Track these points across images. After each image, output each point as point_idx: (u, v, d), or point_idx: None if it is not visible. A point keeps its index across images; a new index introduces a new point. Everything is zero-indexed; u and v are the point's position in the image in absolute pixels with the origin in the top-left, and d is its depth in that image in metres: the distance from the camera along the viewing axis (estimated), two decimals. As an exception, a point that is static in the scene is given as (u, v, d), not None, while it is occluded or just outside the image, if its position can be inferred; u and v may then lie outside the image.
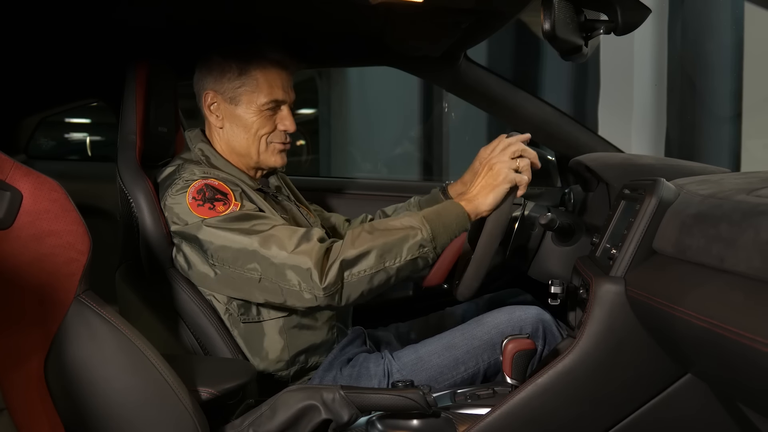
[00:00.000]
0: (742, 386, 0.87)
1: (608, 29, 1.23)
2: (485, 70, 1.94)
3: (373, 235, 1.26)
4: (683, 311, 0.86)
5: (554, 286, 1.28)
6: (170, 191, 1.37)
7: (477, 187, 1.33)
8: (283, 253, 1.24)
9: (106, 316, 1.04)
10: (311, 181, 2.35)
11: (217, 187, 1.34)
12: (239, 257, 1.29)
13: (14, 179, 0.96)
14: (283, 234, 1.27)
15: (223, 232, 1.30)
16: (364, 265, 1.24)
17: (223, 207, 1.31)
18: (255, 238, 1.27)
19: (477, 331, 1.43)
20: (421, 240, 1.26)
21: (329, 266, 1.22)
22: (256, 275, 1.28)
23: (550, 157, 2.18)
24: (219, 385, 1.18)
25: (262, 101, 1.44)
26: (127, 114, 1.49)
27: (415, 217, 1.29)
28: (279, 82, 1.46)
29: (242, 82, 1.44)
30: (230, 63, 1.45)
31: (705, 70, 3.30)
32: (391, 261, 1.25)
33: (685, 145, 3.38)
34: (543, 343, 1.43)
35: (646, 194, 1.07)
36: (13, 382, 0.99)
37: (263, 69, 1.44)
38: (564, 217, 1.58)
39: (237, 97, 1.45)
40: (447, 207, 1.31)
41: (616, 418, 1.10)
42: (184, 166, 1.42)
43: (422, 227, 1.26)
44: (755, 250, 0.76)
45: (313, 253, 1.23)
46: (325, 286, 1.22)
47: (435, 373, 1.39)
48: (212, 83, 1.47)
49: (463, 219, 1.30)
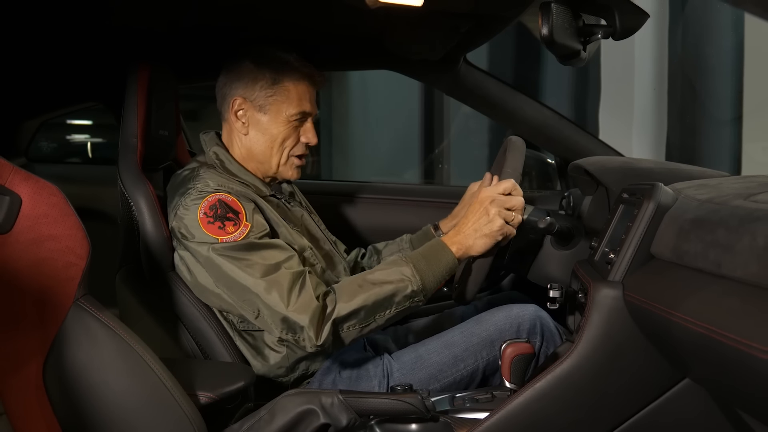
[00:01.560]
0: (740, 392, 0.87)
1: (606, 34, 1.23)
2: (485, 74, 1.94)
3: (364, 288, 1.28)
4: (680, 316, 0.86)
5: (553, 290, 1.29)
6: (183, 201, 1.36)
7: (469, 228, 1.34)
8: (282, 305, 1.27)
9: (105, 321, 1.04)
10: (313, 184, 2.35)
11: (230, 204, 1.34)
12: (242, 292, 1.31)
13: (13, 184, 0.97)
14: (286, 281, 1.28)
15: (230, 263, 1.31)
16: (355, 321, 1.28)
17: (233, 228, 1.32)
18: (260, 281, 1.29)
19: (475, 329, 1.44)
20: (411, 292, 1.30)
21: (324, 324, 1.26)
22: (255, 311, 1.32)
23: (550, 160, 2.18)
24: (218, 390, 1.18)
25: (291, 112, 1.46)
26: (128, 117, 1.50)
27: (405, 266, 1.31)
28: (308, 96, 1.48)
29: (274, 91, 1.45)
30: (263, 71, 1.45)
31: (705, 74, 3.30)
32: (381, 313, 1.29)
33: (686, 149, 3.38)
34: (541, 340, 1.43)
35: (644, 199, 1.07)
36: (12, 387, 1.00)
37: (295, 81, 1.46)
38: (563, 221, 1.58)
39: (266, 106, 1.46)
40: (438, 253, 1.34)
41: (614, 422, 1.10)
42: (199, 173, 1.41)
43: (412, 278, 1.29)
44: (752, 256, 0.76)
45: (310, 311, 1.26)
46: (320, 343, 1.26)
47: (434, 371, 1.40)
48: (242, 89, 1.46)
49: (453, 266, 1.34)
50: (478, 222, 1.33)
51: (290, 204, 1.55)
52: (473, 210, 1.35)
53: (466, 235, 1.34)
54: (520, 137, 1.51)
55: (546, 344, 1.43)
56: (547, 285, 1.31)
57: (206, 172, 1.41)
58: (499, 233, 1.33)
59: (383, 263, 1.37)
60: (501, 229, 1.32)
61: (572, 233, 1.58)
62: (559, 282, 1.35)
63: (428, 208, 2.13)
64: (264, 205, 1.42)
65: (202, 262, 1.35)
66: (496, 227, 1.32)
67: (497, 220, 1.32)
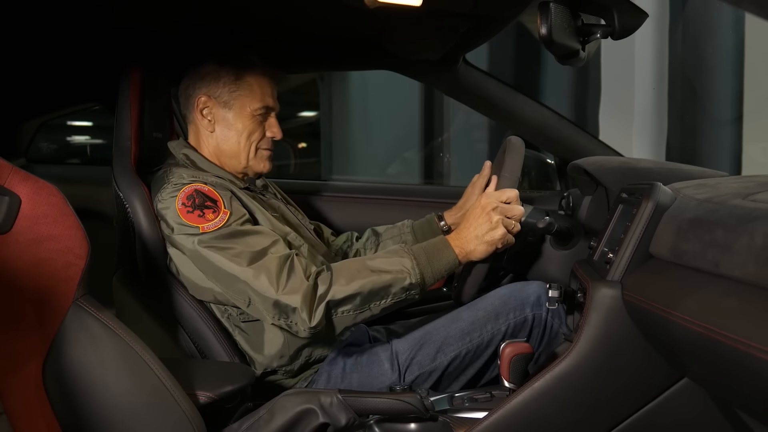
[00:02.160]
0: (738, 391, 0.87)
1: (605, 34, 1.23)
2: (484, 74, 1.94)
3: (362, 274, 1.29)
4: (679, 316, 0.86)
5: (552, 290, 1.29)
6: (160, 195, 1.39)
7: (471, 234, 1.36)
8: (272, 289, 1.28)
9: (104, 321, 1.04)
10: (306, 184, 2.35)
11: (207, 194, 1.36)
12: (231, 281, 1.32)
13: (12, 184, 0.97)
14: (273, 265, 1.29)
15: (216, 253, 1.32)
16: (350, 306, 1.29)
17: (213, 215, 1.33)
18: (247, 269, 1.30)
19: (481, 303, 1.46)
20: (409, 285, 1.31)
21: (317, 306, 1.27)
22: (246, 299, 1.33)
23: (549, 160, 2.18)
24: (217, 389, 1.18)
25: (255, 106, 1.50)
26: (122, 120, 1.50)
27: (406, 258, 1.32)
28: (269, 91, 1.53)
29: (237, 86, 1.49)
30: (226, 69, 1.50)
31: (705, 74, 3.30)
32: (377, 302, 1.30)
33: (686, 149, 3.38)
34: (546, 312, 1.44)
35: (642, 198, 1.07)
36: (12, 387, 1.00)
37: (256, 76, 1.51)
38: (562, 221, 1.58)
39: (231, 102, 1.50)
40: (440, 251, 1.35)
41: (613, 421, 1.10)
42: (172, 170, 1.44)
43: (411, 271, 1.31)
44: (750, 256, 0.76)
45: (301, 291, 1.27)
46: (313, 325, 1.27)
47: (441, 344, 1.42)
48: (206, 88, 1.50)
49: (454, 266, 1.36)
50: (481, 228, 1.35)
51: (264, 196, 1.57)
52: (476, 215, 1.36)
53: (467, 239, 1.36)
54: (519, 137, 1.51)
55: (551, 315, 1.44)
56: (546, 285, 1.31)
57: (179, 169, 1.44)
58: (502, 241, 1.35)
59: (384, 251, 1.38)
60: (503, 237, 1.35)
61: (571, 233, 1.58)
62: (558, 282, 1.35)
63: (428, 208, 2.13)
64: (240, 194, 1.43)
65: (189, 255, 1.36)
66: (498, 236, 1.34)
67: (500, 228, 1.34)
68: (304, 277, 1.29)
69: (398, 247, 1.38)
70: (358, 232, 1.82)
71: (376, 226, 1.79)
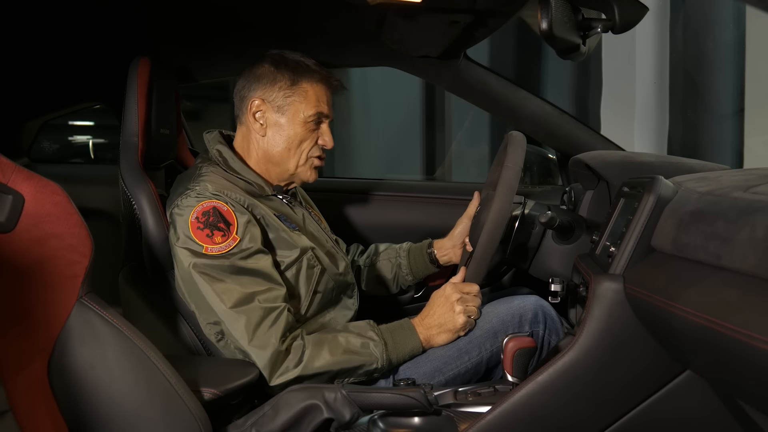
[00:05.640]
0: (740, 383, 0.87)
1: (606, 28, 1.23)
2: (485, 69, 1.94)
3: (335, 353, 1.33)
4: (681, 308, 0.86)
5: (554, 284, 1.29)
6: (179, 201, 1.37)
7: (435, 322, 1.42)
8: (245, 339, 1.30)
9: (109, 318, 1.04)
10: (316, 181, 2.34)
11: (224, 214, 1.34)
12: (209, 313, 1.34)
13: (16, 183, 0.97)
14: (255, 315, 1.30)
15: (206, 283, 1.32)
16: (316, 380, 1.33)
17: (221, 239, 1.32)
18: (228, 311, 1.30)
19: (478, 321, 1.46)
20: (374, 369, 1.37)
21: (281, 373, 1.30)
22: (218, 333, 1.36)
23: (551, 155, 2.18)
24: (222, 386, 1.19)
25: (308, 113, 1.47)
26: (129, 117, 1.50)
27: (379, 344, 1.37)
28: (325, 98, 1.51)
29: (293, 92, 1.47)
30: (283, 73, 1.47)
31: (707, 68, 3.29)
32: (341, 379, 1.36)
33: (688, 143, 3.38)
34: (544, 329, 1.45)
35: (644, 192, 1.08)
36: (17, 385, 1.00)
37: (312, 83, 1.49)
38: (564, 216, 1.58)
39: (285, 107, 1.47)
40: (406, 338, 1.40)
41: (616, 415, 1.10)
42: (202, 172, 1.42)
43: (380, 357, 1.36)
44: (751, 247, 0.76)
45: (270, 350, 1.29)
46: (272, 384, 1.30)
47: (439, 364, 1.41)
48: (261, 91, 1.47)
49: (417, 352, 1.42)
50: (443, 317, 1.41)
51: (292, 204, 1.55)
52: (440, 303, 1.42)
53: (430, 327, 1.42)
54: (521, 132, 1.51)
55: (549, 333, 1.44)
56: (548, 279, 1.31)
57: (208, 172, 1.42)
58: (463, 330, 1.42)
59: (358, 329, 1.40)
60: (464, 326, 1.41)
61: (573, 227, 1.58)
62: (560, 276, 1.35)
63: (432, 204, 2.14)
64: (263, 211, 1.41)
65: (181, 273, 1.36)
66: (459, 324, 1.41)
67: (461, 317, 1.40)
68: (279, 338, 1.30)
69: (369, 328, 1.40)
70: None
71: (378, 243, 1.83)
